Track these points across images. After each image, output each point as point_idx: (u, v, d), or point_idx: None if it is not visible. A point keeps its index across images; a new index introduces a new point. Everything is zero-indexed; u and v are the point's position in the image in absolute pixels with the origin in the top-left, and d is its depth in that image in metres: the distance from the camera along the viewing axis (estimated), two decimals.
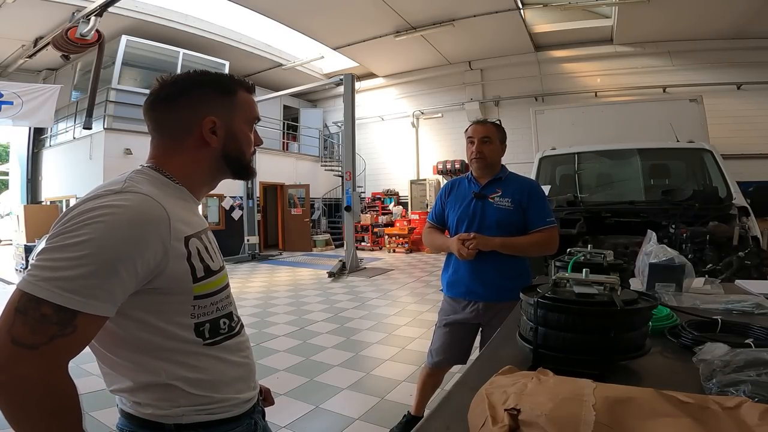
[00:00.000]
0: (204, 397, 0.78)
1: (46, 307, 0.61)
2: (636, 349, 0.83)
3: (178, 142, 0.83)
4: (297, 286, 6.72)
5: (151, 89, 0.83)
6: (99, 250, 0.64)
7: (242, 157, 0.87)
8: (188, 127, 0.82)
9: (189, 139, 0.82)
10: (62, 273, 0.62)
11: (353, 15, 8.56)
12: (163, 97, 0.82)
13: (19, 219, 8.90)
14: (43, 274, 0.62)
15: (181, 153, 0.82)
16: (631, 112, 5.80)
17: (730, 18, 7.78)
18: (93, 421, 2.35)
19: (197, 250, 0.77)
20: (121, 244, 0.65)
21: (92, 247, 0.63)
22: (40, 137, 10.60)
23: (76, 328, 0.62)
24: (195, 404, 0.77)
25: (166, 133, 0.83)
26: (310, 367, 3.30)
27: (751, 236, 3.37)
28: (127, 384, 0.75)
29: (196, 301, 0.78)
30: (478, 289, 1.88)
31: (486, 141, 1.91)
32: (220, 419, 0.80)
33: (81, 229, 0.64)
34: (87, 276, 0.62)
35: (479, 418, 0.55)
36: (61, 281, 0.61)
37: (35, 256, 0.66)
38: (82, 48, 6.31)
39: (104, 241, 0.64)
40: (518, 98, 10.57)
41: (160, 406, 0.75)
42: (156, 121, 0.83)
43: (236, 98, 0.86)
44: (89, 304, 0.62)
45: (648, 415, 0.49)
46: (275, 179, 11.61)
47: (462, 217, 1.94)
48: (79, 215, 0.66)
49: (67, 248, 0.63)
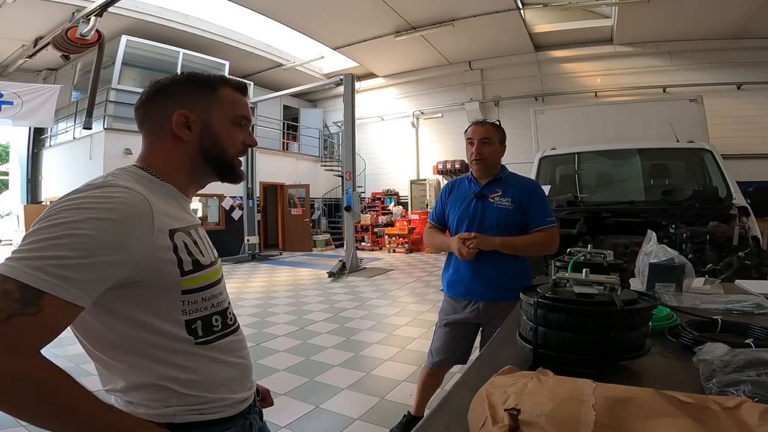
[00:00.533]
0: (196, 397, 0.77)
1: (10, 284, 0.57)
2: (636, 349, 0.83)
3: (157, 138, 0.83)
4: (297, 286, 6.72)
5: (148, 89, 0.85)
6: (74, 235, 0.61)
7: (222, 154, 0.86)
8: (164, 122, 0.82)
9: (165, 134, 0.82)
10: (33, 254, 0.60)
11: (353, 15, 8.56)
12: (146, 96, 0.84)
13: (19, 219, 8.92)
14: (14, 256, 0.60)
15: (161, 149, 0.83)
16: (631, 112, 5.80)
17: (730, 18, 7.78)
18: None
19: (184, 243, 0.77)
20: (99, 232, 0.63)
21: (67, 230, 0.62)
22: (40, 137, 10.61)
23: (41, 309, 0.58)
24: (187, 404, 0.76)
25: (148, 131, 0.84)
26: (310, 367, 3.29)
27: (751, 236, 3.37)
28: (120, 384, 0.75)
29: (185, 296, 0.77)
30: (479, 289, 1.88)
31: (486, 142, 1.91)
32: (213, 419, 0.79)
33: (58, 215, 0.64)
34: (59, 258, 0.60)
35: (479, 418, 0.55)
36: (30, 260, 0.59)
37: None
38: (82, 48, 6.31)
39: (81, 226, 0.62)
40: (518, 98, 10.57)
41: (151, 406, 0.74)
42: (139, 120, 0.85)
43: (217, 94, 0.85)
44: (58, 285, 0.59)
45: (648, 415, 0.49)
46: (275, 179, 11.60)
47: (462, 216, 1.94)
48: (59, 205, 0.66)
49: (42, 231, 0.62)
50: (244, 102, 0.90)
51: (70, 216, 0.63)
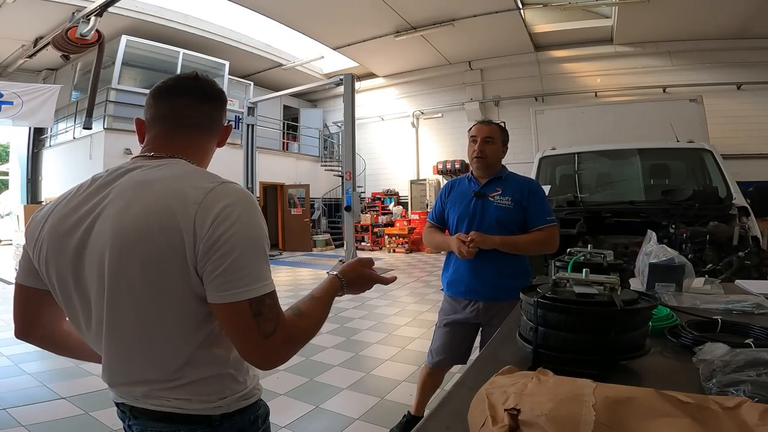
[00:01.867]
0: (242, 383, 0.80)
1: (268, 299, 0.71)
2: (636, 349, 0.83)
3: (203, 136, 0.86)
4: (297, 286, 6.73)
5: (199, 78, 0.85)
6: (258, 243, 0.72)
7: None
8: (216, 126, 0.88)
9: (212, 136, 0.88)
10: (258, 272, 0.72)
11: (353, 15, 8.57)
12: (213, 94, 0.86)
13: (19, 219, 8.90)
14: (248, 279, 0.70)
15: (204, 148, 0.88)
16: (631, 112, 5.80)
17: (730, 18, 7.78)
18: (93, 421, 2.35)
19: None
20: (262, 229, 0.75)
21: (254, 243, 0.71)
22: (40, 137, 10.61)
23: (275, 301, 0.73)
24: (237, 392, 0.79)
25: (195, 126, 0.84)
26: (310, 367, 3.29)
27: (751, 236, 3.36)
28: (177, 380, 0.74)
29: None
30: (478, 288, 1.88)
31: (489, 141, 1.92)
32: (250, 404, 0.82)
33: (239, 232, 0.70)
34: (264, 263, 0.74)
35: (479, 418, 0.55)
36: (262, 274, 0.72)
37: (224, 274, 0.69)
38: (82, 48, 6.32)
39: (255, 233, 0.72)
40: (518, 98, 10.57)
41: (210, 399, 0.75)
42: (188, 109, 0.83)
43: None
44: (272, 282, 0.75)
45: (648, 415, 0.49)
46: (275, 179, 11.61)
47: (462, 215, 1.94)
48: (224, 218, 0.69)
49: (246, 255, 0.70)
50: None
51: (248, 226, 0.71)
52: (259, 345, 0.69)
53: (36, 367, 3.23)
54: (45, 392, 2.76)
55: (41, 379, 2.97)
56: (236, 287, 0.68)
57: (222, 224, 0.68)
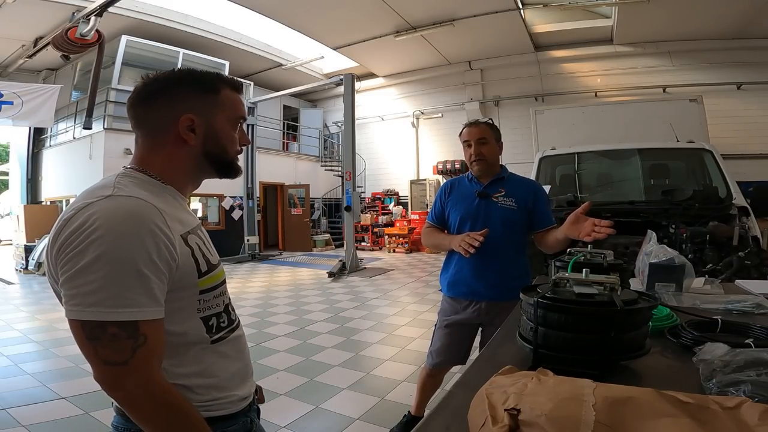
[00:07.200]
0: (205, 395, 0.78)
1: (112, 327, 0.65)
2: (636, 349, 0.83)
3: (158, 140, 0.82)
4: (297, 286, 6.72)
5: (134, 87, 0.83)
6: (117, 263, 0.65)
7: (224, 155, 0.87)
8: (167, 125, 0.81)
9: (168, 137, 0.81)
10: (102, 294, 0.65)
11: (353, 15, 8.56)
12: (144, 95, 0.82)
13: (19, 219, 8.91)
14: (86, 300, 0.65)
15: (162, 152, 0.82)
16: (631, 112, 5.80)
17: (730, 18, 7.78)
18: (93, 422, 2.35)
19: (197, 245, 0.79)
20: (132, 249, 0.67)
21: (110, 262, 0.65)
22: (40, 137, 10.60)
23: (147, 336, 0.67)
24: (196, 402, 0.77)
25: (147, 132, 0.83)
26: (310, 367, 3.29)
27: (751, 236, 3.36)
28: None
29: (201, 296, 0.79)
30: (481, 289, 1.88)
31: (483, 142, 1.91)
32: (218, 416, 0.80)
33: (88, 248, 0.65)
34: (127, 288, 0.66)
35: (479, 418, 0.55)
36: (108, 300, 0.65)
37: (65, 287, 0.67)
38: (82, 48, 6.31)
39: (117, 252, 0.66)
40: (518, 98, 10.57)
41: None
42: (137, 119, 0.83)
43: (219, 96, 0.85)
44: (142, 311, 0.67)
45: (648, 415, 0.49)
46: (275, 179, 11.60)
47: (465, 216, 1.93)
48: (78, 232, 0.66)
49: (87, 271, 0.65)
50: (242, 102, 0.91)
51: (99, 247, 0.65)
52: (102, 370, 0.67)
53: (36, 367, 3.24)
54: (45, 392, 2.76)
55: (41, 379, 2.97)
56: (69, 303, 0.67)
57: (73, 234, 0.67)
